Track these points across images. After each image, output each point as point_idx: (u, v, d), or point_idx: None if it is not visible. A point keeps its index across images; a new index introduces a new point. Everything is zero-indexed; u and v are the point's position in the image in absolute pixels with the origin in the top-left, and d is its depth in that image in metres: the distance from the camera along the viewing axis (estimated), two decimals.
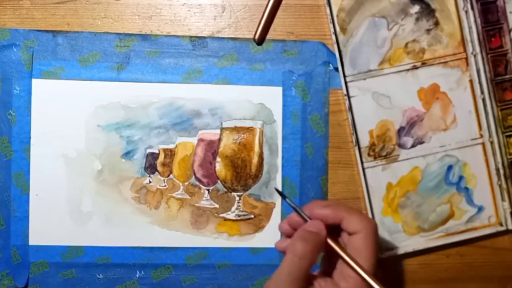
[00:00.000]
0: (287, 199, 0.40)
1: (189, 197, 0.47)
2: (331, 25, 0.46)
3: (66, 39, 0.46)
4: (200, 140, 0.47)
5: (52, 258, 0.46)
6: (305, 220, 0.39)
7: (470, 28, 0.47)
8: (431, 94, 0.47)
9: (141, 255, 0.47)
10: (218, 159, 0.47)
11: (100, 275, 0.47)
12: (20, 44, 0.46)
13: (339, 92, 0.47)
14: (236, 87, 0.47)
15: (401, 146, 0.47)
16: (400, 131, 0.47)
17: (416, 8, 0.47)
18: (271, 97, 0.47)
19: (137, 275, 0.47)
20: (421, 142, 0.48)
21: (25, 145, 0.46)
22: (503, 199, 0.47)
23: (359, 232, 0.37)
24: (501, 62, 0.47)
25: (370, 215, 0.47)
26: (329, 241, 0.38)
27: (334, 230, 0.39)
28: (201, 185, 0.47)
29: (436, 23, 0.47)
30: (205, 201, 0.47)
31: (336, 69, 0.47)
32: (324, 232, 0.38)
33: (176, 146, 0.47)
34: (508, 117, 0.47)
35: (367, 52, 0.47)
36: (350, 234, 0.38)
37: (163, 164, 0.47)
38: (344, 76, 0.47)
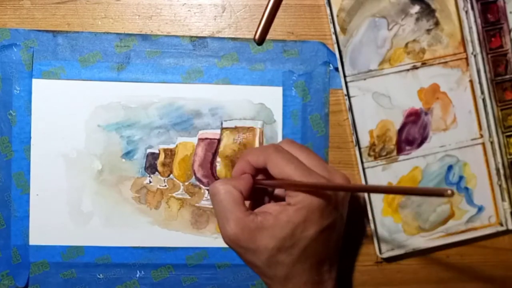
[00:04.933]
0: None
1: (189, 197, 0.47)
2: (331, 25, 0.46)
3: (67, 39, 0.46)
4: (200, 140, 0.47)
5: (52, 258, 0.46)
6: None
7: (470, 28, 0.47)
8: (431, 94, 0.47)
9: (141, 255, 0.47)
10: (219, 159, 0.47)
11: (100, 275, 0.47)
12: (20, 44, 0.46)
13: (339, 92, 0.47)
14: (236, 87, 0.47)
15: None
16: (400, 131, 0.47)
17: (416, 8, 0.47)
18: (271, 97, 0.47)
19: (137, 275, 0.47)
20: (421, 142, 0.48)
21: (25, 145, 0.46)
22: (503, 199, 0.47)
23: (266, 164, 0.38)
24: (501, 62, 0.47)
25: (370, 215, 0.47)
26: (256, 180, 0.39)
27: None
28: (201, 185, 0.47)
29: (436, 23, 0.47)
30: (206, 201, 0.47)
31: (336, 69, 0.47)
32: (245, 174, 0.40)
33: (176, 146, 0.47)
34: (508, 117, 0.47)
35: (367, 52, 0.47)
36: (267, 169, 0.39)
37: (163, 164, 0.47)
38: (344, 76, 0.47)
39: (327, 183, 0.37)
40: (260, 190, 0.41)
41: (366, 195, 0.47)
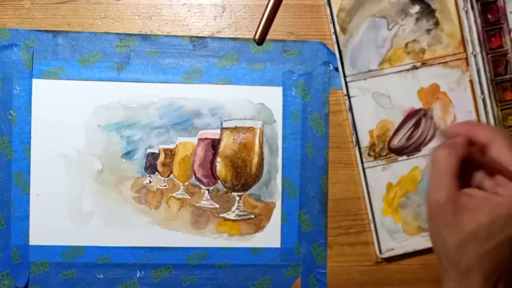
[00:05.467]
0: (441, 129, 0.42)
1: (189, 197, 0.47)
2: (331, 25, 0.46)
3: (67, 39, 0.46)
4: (200, 140, 0.47)
5: (52, 258, 0.46)
6: None
7: (470, 28, 0.47)
8: (431, 94, 0.47)
9: (141, 255, 0.47)
10: (218, 159, 0.47)
11: (100, 275, 0.47)
12: (20, 44, 0.46)
13: (339, 92, 0.47)
14: (236, 87, 0.47)
15: None
16: None
17: (416, 8, 0.47)
18: (271, 97, 0.47)
19: (137, 275, 0.47)
20: None
21: (26, 145, 0.46)
22: None
23: (492, 141, 0.37)
24: (501, 62, 0.47)
25: (370, 215, 0.47)
26: (472, 149, 0.38)
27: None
28: (201, 185, 0.47)
29: (436, 23, 0.47)
30: (205, 201, 0.47)
31: (336, 69, 0.47)
32: (464, 141, 0.38)
33: (176, 146, 0.47)
34: (508, 117, 0.47)
35: (367, 52, 0.47)
36: (485, 148, 0.38)
37: (163, 164, 0.47)
38: (344, 76, 0.47)
39: None
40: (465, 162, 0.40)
41: (366, 195, 0.47)
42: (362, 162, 0.47)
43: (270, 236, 0.47)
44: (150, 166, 0.47)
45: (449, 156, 0.37)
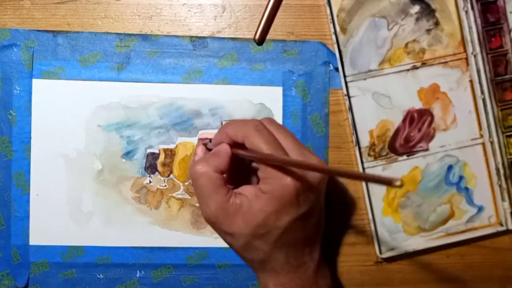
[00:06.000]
0: (208, 144, 0.43)
1: (189, 197, 0.47)
2: (331, 25, 0.46)
3: (67, 39, 0.46)
4: (201, 140, 0.47)
5: (52, 258, 0.46)
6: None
7: (470, 28, 0.47)
8: (431, 94, 0.47)
9: (141, 255, 0.47)
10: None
11: (100, 275, 0.47)
12: (20, 44, 0.46)
13: (339, 92, 0.47)
14: (236, 87, 0.47)
15: None
16: None
17: (416, 8, 0.47)
18: (271, 97, 0.47)
19: (137, 275, 0.47)
20: None
21: (26, 145, 0.46)
22: (503, 199, 0.47)
23: (244, 139, 0.38)
24: (501, 62, 0.47)
25: (370, 215, 0.47)
26: (234, 149, 0.39)
27: None
28: None
29: (436, 23, 0.47)
30: None
31: (336, 69, 0.47)
32: (223, 146, 0.39)
33: (176, 146, 0.47)
34: (508, 117, 0.47)
35: (367, 52, 0.47)
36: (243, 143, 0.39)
37: (164, 164, 0.47)
38: (344, 76, 0.47)
39: (300, 161, 0.37)
40: (239, 161, 0.41)
41: (366, 195, 0.47)
42: (362, 162, 0.47)
43: None
44: (150, 166, 0.47)
45: (204, 172, 0.38)
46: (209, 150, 0.42)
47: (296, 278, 0.39)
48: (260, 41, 0.47)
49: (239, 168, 0.42)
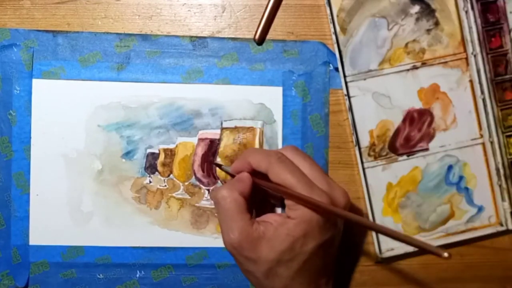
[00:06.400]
0: (222, 166, 0.44)
1: (189, 197, 0.47)
2: (331, 25, 0.46)
3: (66, 39, 0.46)
4: (200, 140, 0.47)
5: (52, 258, 0.46)
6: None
7: (470, 28, 0.47)
8: (431, 94, 0.47)
9: (141, 255, 0.47)
10: (218, 159, 0.47)
11: (100, 275, 0.47)
12: (20, 44, 0.46)
13: (339, 92, 0.47)
14: (236, 87, 0.47)
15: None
16: None
17: (416, 8, 0.47)
18: (271, 97, 0.47)
19: (137, 275, 0.47)
20: None
21: (25, 145, 0.46)
22: (503, 199, 0.47)
23: (267, 170, 0.38)
24: (501, 62, 0.47)
25: (370, 215, 0.47)
26: (255, 178, 0.39)
27: None
28: (201, 185, 0.47)
29: (436, 23, 0.47)
30: (206, 201, 0.47)
31: (336, 69, 0.47)
32: (243, 174, 0.40)
33: (176, 146, 0.47)
34: (508, 117, 0.47)
35: (367, 52, 0.47)
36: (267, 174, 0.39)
37: (163, 164, 0.47)
38: (344, 76, 0.47)
39: (327, 204, 0.37)
40: (260, 191, 0.41)
41: (366, 195, 0.47)
42: (362, 162, 0.47)
43: None
44: (150, 166, 0.47)
45: (229, 195, 0.38)
46: (228, 173, 0.43)
47: None
48: (260, 41, 0.47)
49: (254, 198, 0.42)
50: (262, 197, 0.42)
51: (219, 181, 0.47)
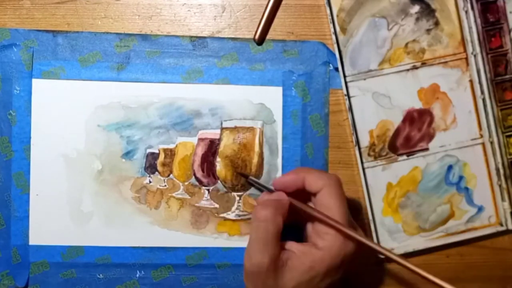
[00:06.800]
0: (249, 178, 0.43)
1: (189, 197, 0.47)
2: (331, 25, 0.46)
3: (66, 39, 0.46)
4: (200, 140, 0.47)
5: (52, 258, 0.46)
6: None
7: (470, 28, 0.47)
8: (431, 94, 0.47)
9: (141, 255, 0.47)
10: (218, 159, 0.47)
11: (100, 275, 0.47)
12: (20, 44, 0.46)
13: (339, 92, 0.47)
14: (236, 87, 0.47)
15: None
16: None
17: (416, 8, 0.47)
18: (271, 97, 0.47)
19: (137, 275, 0.47)
20: None
21: (25, 145, 0.46)
22: (503, 199, 0.47)
23: (322, 189, 0.38)
24: (501, 62, 0.47)
25: (370, 215, 0.47)
26: (292, 200, 0.39)
27: (307, 197, 0.40)
28: (201, 185, 0.47)
29: (436, 23, 0.47)
30: (205, 201, 0.47)
31: (336, 69, 0.47)
32: (283, 195, 0.39)
33: (176, 146, 0.47)
34: (508, 117, 0.47)
35: (367, 52, 0.47)
36: (315, 194, 0.38)
37: (163, 164, 0.47)
38: (344, 76, 0.47)
39: (371, 242, 0.37)
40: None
41: (366, 195, 0.47)
42: (362, 162, 0.47)
43: None
44: (150, 166, 0.47)
45: (272, 219, 0.37)
46: (257, 184, 0.42)
47: None
48: (260, 41, 0.47)
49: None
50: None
51: (219, 181, 0.47)
